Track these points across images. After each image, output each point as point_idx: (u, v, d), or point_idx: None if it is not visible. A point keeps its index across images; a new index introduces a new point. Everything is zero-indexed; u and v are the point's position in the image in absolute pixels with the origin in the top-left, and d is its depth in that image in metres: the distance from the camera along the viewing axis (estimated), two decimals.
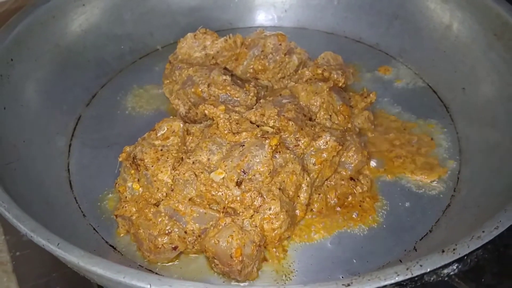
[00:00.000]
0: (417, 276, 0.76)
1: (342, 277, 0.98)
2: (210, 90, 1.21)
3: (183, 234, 0.99)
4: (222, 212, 0.99)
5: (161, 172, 1.02)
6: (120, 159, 1.08)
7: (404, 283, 0.77)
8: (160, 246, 0.98)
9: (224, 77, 1.21)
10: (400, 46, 1.47)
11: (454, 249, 0.79)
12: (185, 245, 1.00)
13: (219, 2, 1.56)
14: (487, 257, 0.81)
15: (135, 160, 1.04)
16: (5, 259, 1.11)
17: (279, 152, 1.04)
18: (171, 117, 1.13)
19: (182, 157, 1.05)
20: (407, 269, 0.76)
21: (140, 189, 1.05)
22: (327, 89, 1.19)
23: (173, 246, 0.98)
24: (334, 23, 1.55)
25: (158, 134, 1.08)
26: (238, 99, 1.20)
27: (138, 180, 1.05)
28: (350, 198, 1.11)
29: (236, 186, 1.00)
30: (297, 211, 1.06)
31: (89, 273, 0.82)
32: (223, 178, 1.01)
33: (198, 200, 1.02)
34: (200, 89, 1.21)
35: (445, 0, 1.38)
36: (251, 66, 1.32)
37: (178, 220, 1.00)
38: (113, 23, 1.44)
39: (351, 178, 1.13)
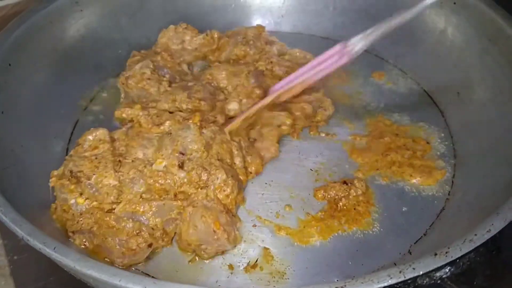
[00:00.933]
0: (410, 279, 0.77)
1: (337, 280, 0.98)
2: (127, 83, 1.27)
3: (151, 231, 1.02)
4: (175, 199, 1.04)
5: (105, 177, 1.04)
6: (52, 184, 1.08)
7: (398, 286, 0.77)
8: (135, 247, 0.99)
9: (144, 70, 1.28)
10: (395, 51, 1.48)
11: (446, 252, 0.79)
12: (156, 240, 1.02)
13: (216, 7, 1.57)
14: (479, 260, 0.82)
15: (73, 174, 1.05)
16: (2, 263, 1.11)
17: (204, 127, 1.12)
18: (92, 128, 1.15)
19: (120, 160, 1.08)
20: (400, 272, 0.77)
21: (86, 202, 1.04)
22: (246, 72, 1.29)
23: (148, 244, 1.01)
24: (330, 28, 1.56)
25: (85, 147, 1.10)
26: (151, 93, 1.26)
27: (81, 194, 1.05)
28: (343, 201, 1.12)
29: (180, 169, 1.05)
30: (240, 176, 1.12)
31: (85, 277, 0.82)
32: (165, 166, 1.06)
33: (148, 195, 1.04)
34: (121, 80, 1.29)
35: (440, 5, 1.39)
36: (234, 52, 1.39)
37: (140, 220, 1.02)
38: (111, 28, 1.45)
39: (344, 182, 1.14)
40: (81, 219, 1.02)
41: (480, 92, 1.28)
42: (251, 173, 1.17)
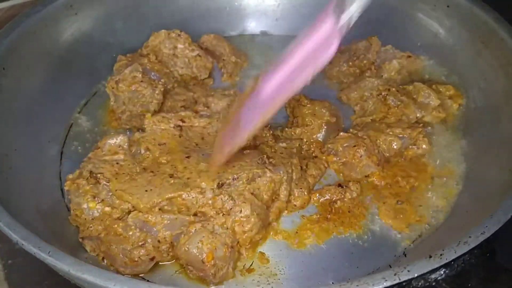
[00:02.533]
0: (405, 281, 0.77)
1: (333, 282, 0.98)
2: (118, 86, 1.27)
3: (157, 244, 1.00)
4: (193, 216, 1.01)
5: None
6: (66, 188, 1.09)
7: None
8: (137, 259, 0.98)
9: (135, 74, 1.27)
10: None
11: (441, 255, 0.80)
12: (160, 254, 1.01)
13: (210, 11, 1.57)
14: (474, 262, 0.83)
15: (92, 175, 1.05)
16: None
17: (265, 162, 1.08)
18: (112, 133, 1.14)
19: (144, 167, 1.07)
20: (395, 274, 0.77)
21: (98, 206, 1.04)
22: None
23: (150, 257, 0.99)
24: None
25: (104, 151, 1.10)
26: (144, 95, 1.26)
27: (94, 197, 1.05)
28: (338, 204, 1.12)
29: (212, 190, 1.02)
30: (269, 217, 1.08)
31: (80, 281, 0.82)
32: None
33: (167, 207, 1.02)
34: (110, 85, 1.28)
35: (433, 8, 1.39)
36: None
37: (149, 231, 1.00)
38: (105, 32, 1.44)
39: (339, 185, 1.14)
40: (91, 225, 1.03)
41: (474, 95, 1.29)
42: (295, 206, 1.12)
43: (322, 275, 1.01)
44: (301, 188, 1.12)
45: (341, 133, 1.21)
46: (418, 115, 1.26)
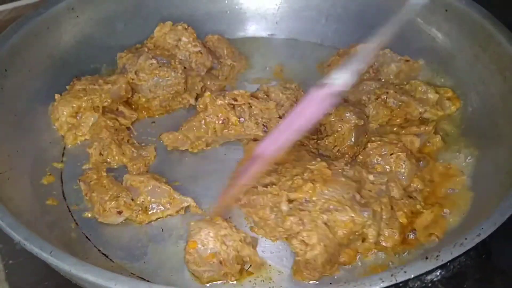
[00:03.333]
0: (401, 282, 0.78)
1: (331, 283, 0.99)
2: (139, 77, 1.30)
3: (130, 201, 1.11)
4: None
5: None
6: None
7: None
8: (107, 209, 1.09)
9: (151, 61, 1.31)
10: None
11: (437, 256, 0.80)
12: (130, 211, 1.10)
13: (211, 14, 1.58)
14: (469, 263, 0.83)
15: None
16: None
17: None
18: None
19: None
20: (392, 275, 0.78)
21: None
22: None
23: (118, 211, 1.09)
24: (324, 34, 1.57)
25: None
26: (169, 78, 1.31)
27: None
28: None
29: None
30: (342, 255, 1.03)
31: (81, 281, 0.83)
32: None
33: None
34: (130, 77, 1.31)
35: (431, 12, 1.39)
36: None
37: (132, 190, 1.12)
38: (107, 35, 1.45)
39: (409, 196, 1.11)
40: (89, 171, 1.17)
41: (471, 99, 1.30)
42: (385, 247, 1.04)
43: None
44: (392, 229, 1.04)
45: (369, 144, 1.19)
46: (420, 110, 1.27)
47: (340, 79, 1.00)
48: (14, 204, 0.99)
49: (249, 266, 1.03)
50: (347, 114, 1.24)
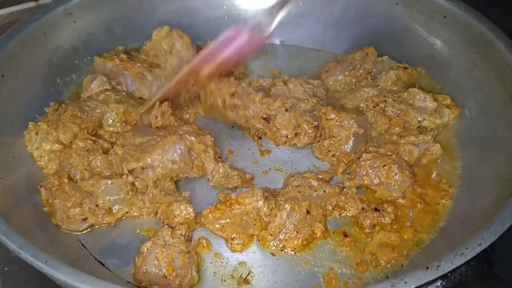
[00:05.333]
0: None
1: None
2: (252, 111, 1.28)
3: (94, 207, 1.09)
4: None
5: None
6: None
7: None
8: (71, 217, 1.07)
9: (260, 95, 1.28)
10: None
11: (438, 266, 0.80)
12: (95, 217, 1.09)
13: (210, 19, 1.57)
14: (470, 273, 0.83)
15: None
16: None
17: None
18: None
19: None
20: (392, 286, 0.78)
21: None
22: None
23: (83, 217, 1.08)
24: (322, 40, 1.56)
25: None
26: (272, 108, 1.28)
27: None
28: (377, 229, 1.11)
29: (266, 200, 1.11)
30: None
31: None
32: None
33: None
34: (245, 112, 1.28)
35: (430, 19, 1.40)
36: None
37: (91, 195, 1.10)
38: (104, 40, 1.45)
39: (376, 209, 1.13)
40: (51, 177, 1.14)
41: (470, 106, 1.30)
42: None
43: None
44: (297, 232, 1.09)
45: (364, 155, 1.20)
46: (419, 118, 1.27)
47: (262, 18, 1.16)
48: (9, 211, 0.98)
49: (248, 273, 1.04)
50: (349, 121, 1.24)
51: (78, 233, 1.10)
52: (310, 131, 1.26)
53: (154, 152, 1.14)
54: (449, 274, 0.80)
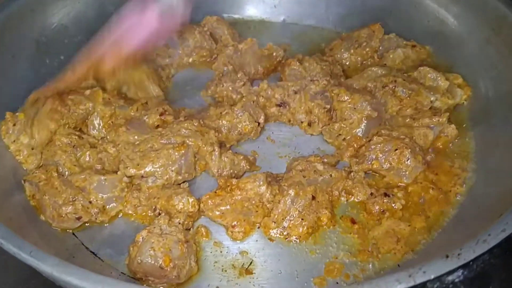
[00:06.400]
0: (420, 283, 0.71)
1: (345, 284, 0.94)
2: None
3: (87, 204, 1.02)
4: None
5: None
6: None
7: None
8: (63, 215, 1.00)
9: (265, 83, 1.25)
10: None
11: (459, 254, 0.74)
12: (89, 215, 1.02)
13: None
14: (493, 262, 0.77)
15: None
16: None
17: None
18: None
19: None
20: (410, 276, 0.72)
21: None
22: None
23: (77, 217, 1.00)
24: (325, 18, 1.52)
25: None
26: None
27: None
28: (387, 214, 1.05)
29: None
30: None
31: (65, 284, 0.76)
32: None
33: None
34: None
35: None
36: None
37: (83, 190, 1.03)
38: (96, 18, 1.37)
39: (385, 194, 1.07)
40: (37, 171, 1.06)
41: (483, 86, 1.25)
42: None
43: None
44: (302, 219, 1.04)
45: (375, 138, 1.13)
46: (432, 98, 1.21)
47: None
48: None
49: (250, 263, 0.98)
50: (362, 103, 1.18)
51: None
52: (322, 116, 1.20)
53: (158, 161, 1.06)
54: (471, 263, 0.74)
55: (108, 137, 1.14)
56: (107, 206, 1.04)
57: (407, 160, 1.09)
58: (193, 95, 1.33)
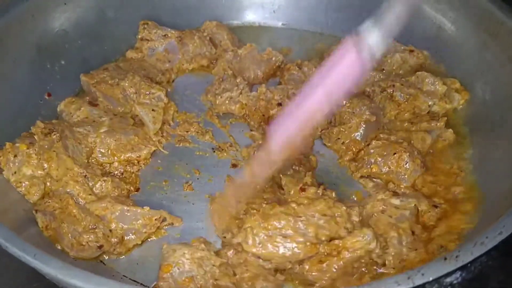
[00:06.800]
0: (418, 285, 0.73)
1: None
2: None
3: (108, 233, 0.99)
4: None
5: None
6: None
7: None
8: (84, 243, 0.96)
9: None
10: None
11: (457, 256, 0.75)
12: (109, 244, 0.99)
13: (206, 2, 1.53)
14: (491, 264, 0.79)
15: None
16: None
17: None
18: None
19: None
20: (409, 278, 0.73)
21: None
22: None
23: (99, 245, 0.97)
24: (324, 23, 1.53)
25: None
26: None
27: None
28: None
29: None
30: None
31: (69, 286, 0.77)
32: None
33: None
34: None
35: (437, 0, 1.36)
36: None
37: (102, 219, 1.00)
38: (96, 23, 1.39)
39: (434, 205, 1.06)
40: (49, 200, 1.02)
41: (479, 90, 1.26)
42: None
43: None
44: (416, 250, 0.98)
45: (373, 142, 1.15)
46: (429, 103, 1.23)
47: (375, 35, 0.86)
48: None
49: None
50: (361, 108, 1.19)
51: None
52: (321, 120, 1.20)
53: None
54: (469, 265, 0.75)
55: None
56: (126, 238, 1.01)
57: (406, 164, 1.10)
58: (193, 100, 1.34)
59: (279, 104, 1.22)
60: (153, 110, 1.23)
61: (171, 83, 1.39)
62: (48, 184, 1.06)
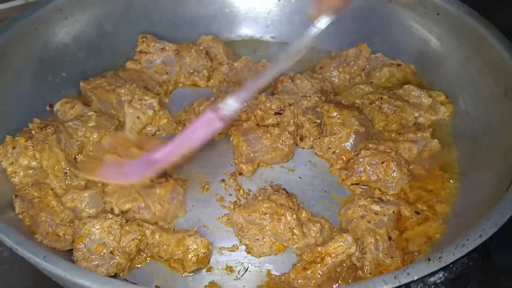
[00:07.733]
0: (404, 284, 0.77)
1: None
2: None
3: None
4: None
5: None
6: None
7: None
8: (60, 235, 1.01)
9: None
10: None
11: (440, 258, 0.80)
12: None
13: (201, 17, 1.56)
14: (472, 265, 0.83)
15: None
16: None
17: None
18: None
19: None
20: (395, 277, 0.77)
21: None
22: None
23: (74, 238, 1.01)
24: (316, 38, 1.55)
25: None
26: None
27: None
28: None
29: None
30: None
31: (76, 286, 0.80)
32: None
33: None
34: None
35: (423, 16, 1.40)
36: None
37: (75, 211, 1.06)
38: (95, 37, 1.43)
39: (416, 212, 1.11)
40: (30, 188, 1.06)
41: (463, 102, 1.30)
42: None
43: None
44: (392, 257, 1.02)
45: (363, 151, 1.19)
46: (416, 114, 1.28)
47: (233, 106, 1.03)
48: (3, 207, 0.97)
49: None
50: (351, 119, 1.24)
51: None
52: (312, 130, 1.26)
53: None
54: (451, 266, 0.80)
55: None
56: None
57: (393, 173, 1.15)
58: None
59: (278, 113, 1.26)
60: (138, 117, 1.27)
61: (169, 94, 1.43)
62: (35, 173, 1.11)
